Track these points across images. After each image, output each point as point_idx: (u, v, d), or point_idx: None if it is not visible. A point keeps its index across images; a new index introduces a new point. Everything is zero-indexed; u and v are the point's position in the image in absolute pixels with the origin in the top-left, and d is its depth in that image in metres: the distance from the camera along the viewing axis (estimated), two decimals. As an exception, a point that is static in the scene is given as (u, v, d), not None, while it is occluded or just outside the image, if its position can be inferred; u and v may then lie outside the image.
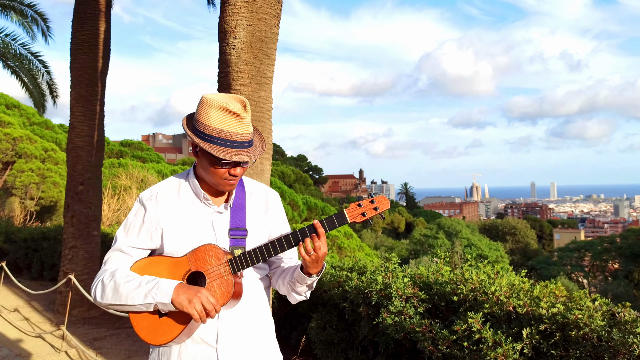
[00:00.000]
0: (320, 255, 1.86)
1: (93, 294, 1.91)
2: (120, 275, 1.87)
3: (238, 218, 1.99)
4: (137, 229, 1.97)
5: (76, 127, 7.61)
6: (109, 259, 1.97)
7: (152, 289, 1.81)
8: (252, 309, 1.99)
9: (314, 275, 1.94)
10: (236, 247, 1.94)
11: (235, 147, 1.85)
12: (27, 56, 14.45)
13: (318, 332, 4.22)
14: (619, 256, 40.26)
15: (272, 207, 2.10)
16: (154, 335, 1.87)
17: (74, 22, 7.70)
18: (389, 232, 67.07)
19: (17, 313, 7.54)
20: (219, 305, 1.81)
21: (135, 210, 2.00)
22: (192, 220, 1.96)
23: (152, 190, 2.02)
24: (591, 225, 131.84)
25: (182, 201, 1.99)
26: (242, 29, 4.57)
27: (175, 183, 2.04)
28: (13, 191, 17.94)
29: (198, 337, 1.90)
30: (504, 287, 3.11)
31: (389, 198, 65.01)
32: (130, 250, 1.96)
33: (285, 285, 2.03)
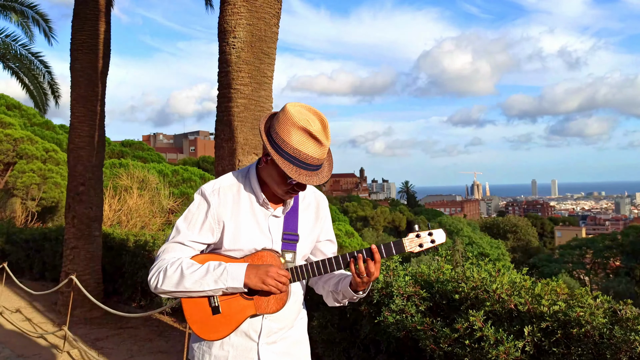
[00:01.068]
0: (372, 279, 1.92)
1: (154, 283, 1.91)
2: (186, 264, 1.90)
3: (291, 223, 2.04)
4: (199, 223, 1.98)
5: (77, 127, 7.61)
6: (169, 250, 1.97)
7: (221, 274, 1.86)
8: (294, 309, 2.07)
9: (361, 293, 2.00)
10: (287, 250, 1.99)
11: (307, 169, 1.87)
12: (27, 57, 14.47)
13: (319, 331, 4.22)
14: (621, 253, 40.22)
15: (322, 212, 2.17)
16: (206, 331, 1.92)
17: (74, 23, 7.70)
18: (390, 231, 67.08)
19: (19, 314, 7.55)
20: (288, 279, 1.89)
21: (198, 203, 2.02)
22: (251, 221, 2.00)
23: (214, 184, 2.04)
24: (592, 223, 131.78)
25: (242, 200, 2.02)
26: (242, 29, 4.57)
27: (235, 180, 2.06)
28: (14, 192, 17.95)
29: (241, 330, 1.95)
30: (506, 285, 3.11)
31: (390, 197, 65.62)
32: (191, 244, 1.98)
33: (328, 291, 2.11)
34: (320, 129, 1.88)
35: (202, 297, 1.91)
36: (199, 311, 1.92)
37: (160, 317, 7.08)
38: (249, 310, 1.90)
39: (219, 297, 1.91)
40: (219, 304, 1.90)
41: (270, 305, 1.90)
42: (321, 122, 1.90)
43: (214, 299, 1.91)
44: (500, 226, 65.53)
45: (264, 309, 1.90)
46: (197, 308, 1.92)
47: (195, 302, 1.92)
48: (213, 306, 1.91)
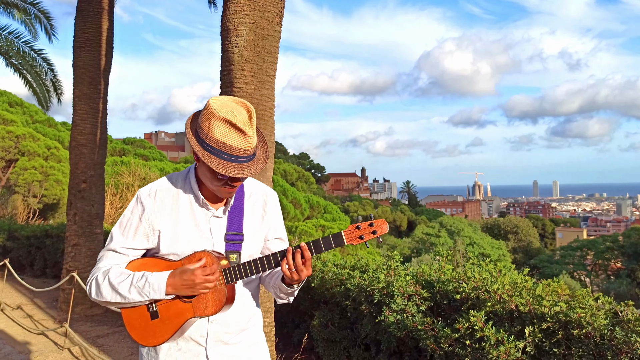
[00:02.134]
0: (302, 278, 1.85)
1: (88, 292, 1.91)
2: (113, 274, 1.86)
3: (235, 223, 1.97)
4: (133, 229, 1.93)
5: (79, 124, 7.62)
6: (103, 258, 1.94)
7: (143, 286, 1.82)
8: (243, 311, 2.01)
9: (295, 286, 1.94)
10: (231, 251, 1.93)
11: (236, 162, 1.79)
12: (30, 54, 14.46)
13: (320, 330, 4.22)
14: (622, 255, 40.18)
15: (270, 209, 2.08)
16: (146, 337, 1.89)
17: (77, 21, 7.70)
18: (391, 231, 67.06)
19: (20, 310, 7.56)
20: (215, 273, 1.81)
21: (132, 207, 1.96)
22: (190, 223, 1.93)
23: (150, 187, 1.98)
24: (594, 224, 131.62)
25: (180, 202, 1.95)
26: (245, 27, 4.57)
27: (175, 182, 1.99)
28: (16, 189, 17.98)
29: (188, 335, 1.92)
30: (506, 285, 3.11)
31: (392, 196, 65.53)
32: (124, 250, 1.93)
33: (271, 288, 2.05)
34: (245, 118, 1.81)
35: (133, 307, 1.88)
36: (138, 317, 1.88)
37: (161, 314, 7.09)
38: (187, 314, 1.85)
39: (157, 302, 1.86)
40: (157, 308, 1.87)
41: (209, 307, 1.84)
42: (247, 112, 1.82)
43: (152, 305, 1.87)
44: (502, 227, 65.48)
45: (202, 311, 1.84)
46: (136, 314, 1.89)
47: (133, 308, 1.89)
48: (151, 311, 1.87)
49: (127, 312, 1.90)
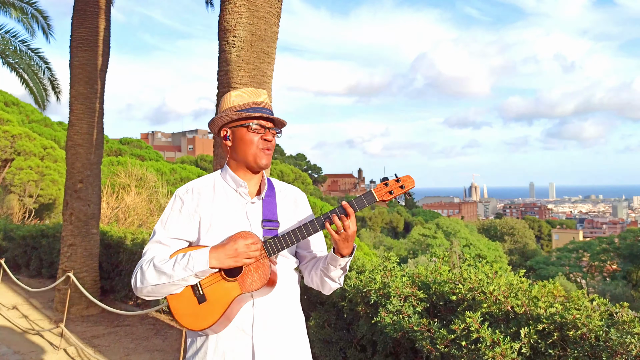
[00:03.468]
0: (350, 234, 1.91)
1: (134, 283, 1.95)
2: (158, 259, 1.93)
3: (270, 210, 2.07)
4: (174, 220, 2.02)
5: (75, 124, 7.61)
6: (147, 251, 2.01)
7: (187, 262, 1.87)
8: (286, 300, 2.04)
9: (347, 257, 1.98)
10: (269, 237, 1.98)
11: (263, 112, 2.02)
12: (27, 52, 14.42)
13: (316, 330, 4.22)
14: (618, 257, 40.29)
15: (301, 204, 2.20)
16: (195, 321, 1.91)
17: (74, 20, 7.69)
18: (387, 232, 67.10)
19: (15, 310, 7.54)
20: (257, 245, 1.90)
21: (171, 204, 2.07)
22: (227, 211, 2.03)
23: (187, 185, 2.11)
24: (590, 226, 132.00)
25: (217, 194, 2.07)
26: (242, 28, 4.57)
27: (210, 179, 2.13)
28: (12, 188, 17.93)
29: (234, 325, 1.94)
30: (502, 286, 3.12)
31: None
32: (168, 241, 2.00)
33: (318, 274, 2.08)
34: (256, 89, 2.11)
35: (181, 290, 1.92)
36: (185, 305, 1.92)
37: (157, 315, 7.08)
38: (234, 292, 1.89)
39: (203, 286, 1.91)
40: (204, 292, 1.91)
41: (255, 282, 1.88)
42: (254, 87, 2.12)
43: (198, 288, 1.91)
44: (498, 228, 65.60)
45: (249, 287, 1.88)
46: (184, 301, 1.92)
47: (180, 296, 1.93)
48: (198, 295, 1.91)
49: (175, 300, 1.93)
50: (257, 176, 2.12)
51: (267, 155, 2.05)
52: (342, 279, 2.08)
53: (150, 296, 1.97)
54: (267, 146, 2.04)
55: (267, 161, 2.05)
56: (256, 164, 2.04)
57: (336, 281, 2.07)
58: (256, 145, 2.02)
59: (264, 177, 2.15)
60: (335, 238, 1.92)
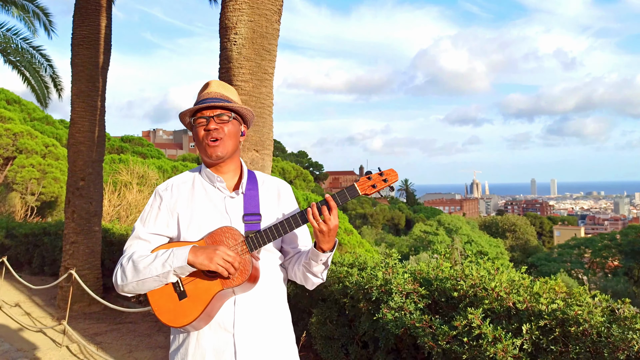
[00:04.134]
0: (332, 227, 1.89)
1: (114, 280, 1.95)
2: (137, 254, 1.93)
3: (252, 204, 2.04)
4: (153, 216, 2.03)
5: (77, 122, 7.61)
6: (128, 247, 2.01)
7: (168, 257, 1.87)
8: (269, 296, 2.02)
9: (328, 252, 1.97)
10: (251, 231, 1.97)
11: (201, 102, 2.00)
12: (29, 50, 14.41)
13: (318, 327, 4.23)
14: (619, 253, 40.24)
15: (284, 196, 2.16)
16: (175, 317, 1.90)
17: (75, 18, 7.69)
18: (389, 229, 67.07)
19: (18, 308, 7.56)
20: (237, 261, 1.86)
21: (151, 201, 2.08)
22: (207, 206, 2.02)
23: (167, 182, 2.11)
24: (591, 222, 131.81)
25: (196, 189, 2.07)
26: (243, 25, 4.57)
27: (190, 175, 2.13)
28: (14, 186, 17.95)
29: (215, 322, 1.93)
30: (504, 283, 3.12)
31: (389, 194, 64.76)
32: (147, 236, 2.00)
33: (301, 269, 2.06)
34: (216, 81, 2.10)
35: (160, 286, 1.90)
36: (166, 300, 1.91)
37: (159, 312, 7.09)
38: (215, 288, 1.87)
39: (184, 282, 1.90)
40: (185, 288, 1.90)
41: (236, 277, 1.86)
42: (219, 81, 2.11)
43: (179, 284, 1.90)
44: (499, 225, 65.52)
45: (230, 283, 1.86)
46: (164, 297, 1.91)
47: (161, 292, 1.91)
48: (179, 291, 1.90)
49: (155, 296, 1.92)
50: (232, 170, 2.09)
51: (215, 146, 1.99)
52: (325, 274, 2.06)
53: (132, 293, 1.95)
54: (212, 136, 1.98)
55: (217, 152, 1.99)
56: (208, 157, 2.01)
57: (318, 276, 2.05)
58: (202, 138, 2.00)
59: (244, 170, 2.12)
60: (316, 230, 1.90)
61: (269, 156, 4.69)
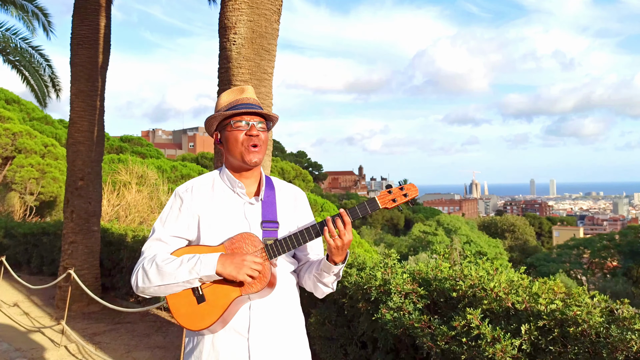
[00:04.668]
0: (346, 242, 1.92)
1: (134, 282, 1.95)
2: (160, 258, 1.92)
3: (270, 211, 2.05)
4: (174, 218, 2.02)
5: (76, 122, 7.61)
6: (147, 249, 2.00)
7: (195, 264, 1.87)
8: (284, 302, 2.03)
9: (340, 264, 1.99)
10: (269, 238, 1.98)
11: (245, 107, 2.01)
12: (28, 50, 14.41)
13: (317, 327, 4.23)
14: (618, 254, 40.28)
15: (300, 203, 2.19)
16: (193, 321, 1.91)
17: (74, 18, 7.69)
18: (388, 229, 67.12)
19: (16, 307, 7.56)
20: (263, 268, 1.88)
21: (171, 202, 2.07)
22: (226, 210, 2.02)
23: (187, 184, 2.10)
24: (590, 223, 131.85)
25: (216, 193, 2.06)
26: (243, 25, 4.57)
27: (210, 177, 2.13)
28: (13, 186, 17.93)
29: (231, 327, 1.94)
30: (503, 283, 3.12)
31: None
32: (168, 239, 2.00)
33: (312, 278, 2.08)
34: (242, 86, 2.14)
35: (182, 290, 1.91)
36: (184, 304, 1.92)
37: (158, 312, 7.09)
38: (233, 293, 1.89)
39: (203, 286, 1.91)
40: (203, 292, 1.91)
41: (255, 284, 1.88)
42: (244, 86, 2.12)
43: (198, 289, 1.91)
44: (498, 225, 65.57)
45: (249, 289, 1.88)
46: (183, 301, 1.92)
47: (180, 295, 1.92)
48: (197, 295, 1.91)
49: (174, 299, 1.93)
50: (254, 175, 2.10)
51: (255, 152, 2.01)
52: (335, 284, 2.09)
53: (153, 295, 1.97)
54: (253, 142, 2.00)
55: (255, 158, 2.01)
56: (244, 161, 2.01)
57: (329, 286, 2.08)
58: (241, 142, 1.99)
59: (263, 176, 2.13)
60: (331, 246, 1.92)
61: (268, 156, 4.69)
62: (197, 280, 1.87)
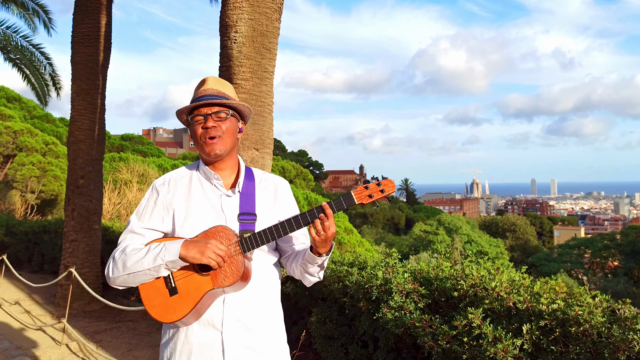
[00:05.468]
0: (329, 235, 1.91)
1: (106, 273, 1.97)
2: (130, 248, 1.94)
3: (247, 203, 2.03)
4: (149, 211, 2.03)
5: (77, 120, 7.60)
6: (122, 241, 2.02)
7: (160, 251, 1.88)
8: (260, 296, 2.01)
9: (324, 255, 1.98)
10: (245, 231, 1.97)
11: (202, 100, 1.99)
12: (29, 48, 14.41)
13: (318, 326, 4.22)
14: (619, 253, 40.23)
15: (282, 194, 2.15)
16: (165, 313, 1.90)
17: (75, 16, 7.68)
18: (389, 228, 67.06)
19: (18, 306, 7.56)
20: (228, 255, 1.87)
21: (147, 195, 2.08)
22: (203, 203, 2.02)
23: (165, 176, 2.11)
24: (591, 223, 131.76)
25: (193, 185, 2.06)
26: (244, 23, 4.56)
27: (187, 171, 2.12)
28: (14, 184, 17.94)
29: (205, 319, 1.93)
30: (504, 283, 3.11)
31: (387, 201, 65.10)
32: (142, 230, 2.01)
33: (299, 268, 2.07)
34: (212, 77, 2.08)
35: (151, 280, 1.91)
36: (157, 295, 1.92)
37: (159, 311, 7.08)
38: (205, 286, 1.88)
39: (175, 278, 1.90)
40: (176, 284, 1.90)
41: (227, 278, 1.87)
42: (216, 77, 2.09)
43: (171, 280, 1.90)
44: (499, 225, 65.48)
45: (221, 282, 1.87)
46: (155, 292, 1.92)
47: (152, 286, 1.92)
48: (170, 287, 1.91)
49: (146, 291, 1.93)
50: (229, 167, 2.08)
51: (212, 144, 1.98)
52: (322, 274, 2.09)
53: (123, 285, 1.96)
54: (209, 134, 1.97)
55: (215, 149, 1.99)
56: (206, 155, 2.00)
57: (315, 276, 2.08)
58: (200, 136, 1.99)
59: (242, 167, 2.11)
60: (314, 239, 1.91)
61: (269, 155, 4.68)
62: (164, 267, 1.87)
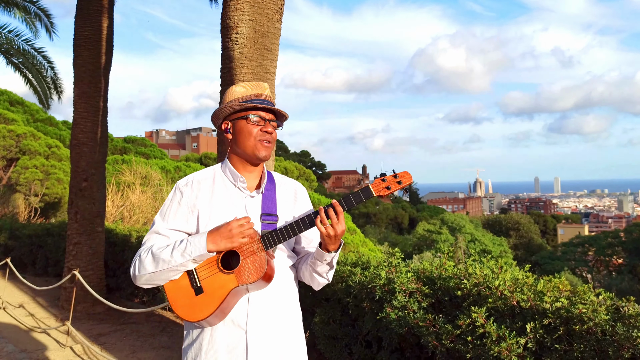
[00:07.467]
0: (339, 232, 1.93)
1: (132, 272, 1.98)
2: (155, 247, 1.96)
3: (269, 204, 2.08)
4: (173, 211, 2.05)
5: (79, 123, 7.62)
6: (147, 241, 2.03)
7: (185, 248, 1.90)
8: (282, 296, 2.05)
9: (332, 252, 1.99)
10: (267, 231, 1.99)
11: (263, 103, 2.03)
12: (30, 52, 14.46)
13: (322, 327, 4.22)
14: (623, 251, 40.17)
15: (301, 198, 2.20)
16: (192, 312, 1.92)
17: (77, 19, 7.70)
18: (392, 228, 67.02)
19: (22, 309, 7.58)
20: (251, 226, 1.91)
21: (171, 196, 2.10)
22: (226, 204, 2.04)
23: (188, 177, 2.13)
24: (595, 220, 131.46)
25: (216, 186, 2.08)
26: (245, 24, 4.56)
27: (211, 171, 2.14)
28: (17, 188, 17.99)
29: (229, 319, 1.95)
30: (508, 281, 3.11)
31: (394, 194, 64.74)
32: (166, 232, 2.03)
33: (308, 269, 2.09)
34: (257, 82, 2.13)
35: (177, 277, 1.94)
36: (182, 295, 1.94)
37: (163, 312, 7.10)
38: (230, 284, 1.90)
39: (200, 277, 1.92)
40: (201, 284, 1.92)
41: (251, 275, 1.89)
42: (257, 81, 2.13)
43: (196, 280, 1.93)
44: (503, 223, 65.36)
45: (245, 279, 1.89)
46: (181, 292, 1.94)
47: (177, 286, 1.94)
48: (195, 287, 1.93)
49: (172, 291, 1.95)
50: (257, 170, 2.12)
51: (266, 147, 2.04)
52: (330, 274, 2.09)
53: (149, 284, 1.98)
54: (267, 138, 2.03)
55: (266, 153, 2.05)
56: (255, 155, 2.04)
57: (324, 276, 2.08)
58: (255, 136, 2.02)
59: (264, 171, 2.15)
60: (324, 235, 1.93)
61: (272, 155, 4.68)
62: (192, 261, 1.90)
